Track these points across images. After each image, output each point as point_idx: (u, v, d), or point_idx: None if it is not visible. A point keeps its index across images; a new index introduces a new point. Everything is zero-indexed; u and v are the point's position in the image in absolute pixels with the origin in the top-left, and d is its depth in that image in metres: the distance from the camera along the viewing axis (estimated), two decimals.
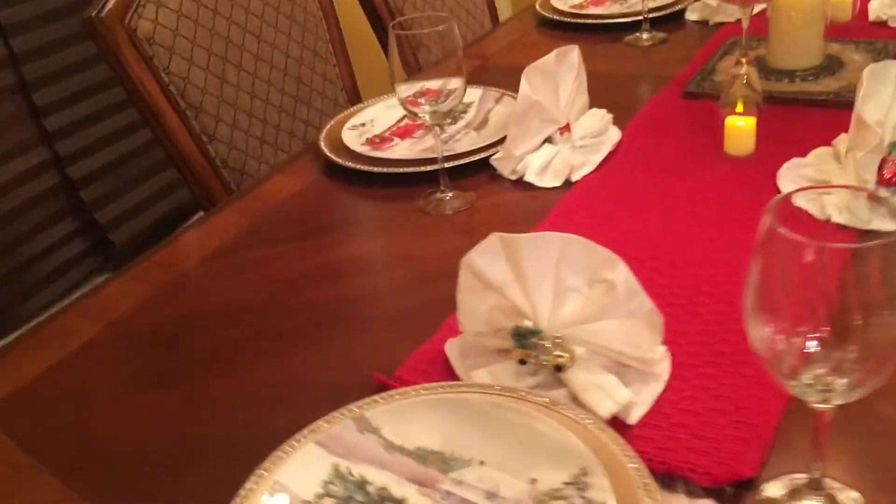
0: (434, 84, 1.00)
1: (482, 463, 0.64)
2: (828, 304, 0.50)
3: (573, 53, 1.09)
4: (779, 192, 0.95)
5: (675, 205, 0.96)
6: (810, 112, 1.12)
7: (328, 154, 1.15)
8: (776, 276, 0.51)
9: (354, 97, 1.61)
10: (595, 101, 1.16)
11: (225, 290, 0.94)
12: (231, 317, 0.89)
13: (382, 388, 0.74)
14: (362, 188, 1.11)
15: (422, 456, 0.66)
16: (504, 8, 3.06)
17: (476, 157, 1.09)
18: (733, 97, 1.02)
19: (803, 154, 0.99)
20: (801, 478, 0.59)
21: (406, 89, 0.99)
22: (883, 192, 0.88)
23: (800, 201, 0.92)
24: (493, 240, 0.72)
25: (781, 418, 0.65)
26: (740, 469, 0.61)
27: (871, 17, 1.38)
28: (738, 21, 1.46)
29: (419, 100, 0.99)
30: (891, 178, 0.88)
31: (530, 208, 1.01)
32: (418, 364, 0.77)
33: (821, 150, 0.98)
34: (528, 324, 0.72)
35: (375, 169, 1.10)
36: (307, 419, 0.67)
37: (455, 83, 0.98)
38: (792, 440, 0.63)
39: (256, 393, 0.77)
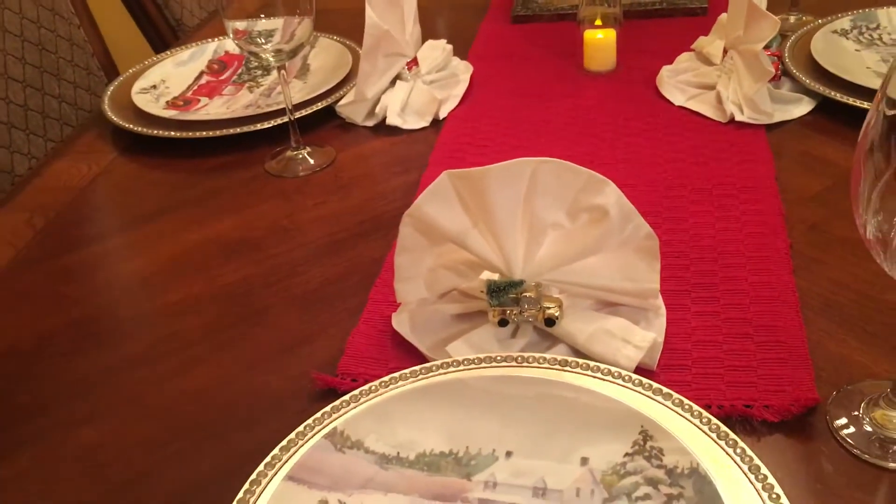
0: (252, 23, 0.82)
1: (509, 454, 0.51)
2: None
3: None
4: (664, 101, 0.90)
5: (564, 128, 0.87)
6: (650, 23, 1.08)
7: (129, 126, 0.92)
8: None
9: (109, 64, 1.34)
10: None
11: (46, 312, 0.70)
12: (75, 343, 0.66)
13: (331, 390, 0.57)
14: (180, 161, 0.89)
15: (430, 463, 0.51)
16: None
17: (321, 105, 0.92)
18: (592, 12, 0.94)
19: (660, 63, 0.94)
20: (869, 387, 0.52)
21: (241, 25, 0.80)
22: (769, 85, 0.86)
23: (692, 105, 0.87)
24: (445, 180, 0.57)
25: (803, 328, 0.58)
26: (802, 392, 0.53)
27: None
28: None
29: (258, 39, 0.80)
30: (775, 71, 0.86)
31: (402, 154, 0.87)
32: (362, 351, 0.60)
33: (685, 56, 0.94)
34: (495, 276, 0.58)
35: (204, 133, 0.89)
36: (245, 452, 0.50)
37: (293, 18, 0.80)
38: (826, 349, 0.57)
39: (159, 438, 0.57)
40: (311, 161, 0.86)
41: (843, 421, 0.51)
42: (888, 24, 0.94)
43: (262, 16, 0.82)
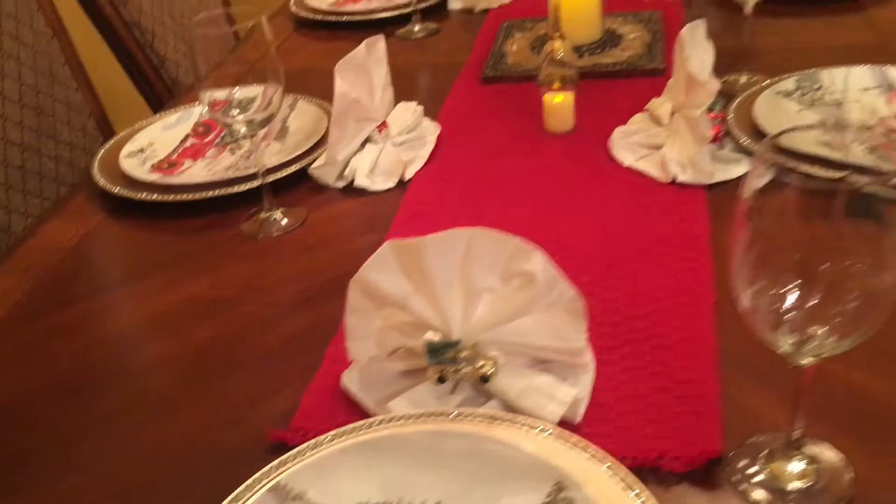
0: (236, 92, 0.88)
1: None
2: (811, 260, 0.47)
3: (380, 44, 1.02)
4: (615, 162, 0.95)
5: (521, 188, 0.93)
6: (609, 84, 1.14)
7: (111, 189, 0.98)
8: (762, 237, 0.47)
9: (105, 125, 1.41)
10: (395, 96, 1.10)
11: (32, 369, 0.75)
12: (58, 397, 0.71)
13: (282, 445, 0.62)
14: (162, 223, 0.95)
15: None
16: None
17: (294, 168, 0.98)
18: (549, 75, 1.00)
19: (618, 123, 1.00)
20: (770, 440, 0.57)
21: (213, 96, 0.86)
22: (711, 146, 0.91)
23: (639, 165, 0.93)
24: (387, 249, 0.63)
25: (718, 382, 0.63)
26: (708, 445, 0.57)
27: None
28: (501, 7, 1.49)
29: (231, 109, 0.87)
30: (717, 133, 0.91)
31: (368, 214, 0.93)
32: (315, 407, 0.66)
33: (639, 116, 1.00)
34: (437, 336, 0.64)
35: (182, 197, 0.95)
36: None
37: (268, 87, 0.86)
38: (738, 403, 0.61)
39: (122, 491, 0.62)
40: (283, 222, 0.92)
41: (743, 473, 0.56)
42: (830, 84, 1.00)
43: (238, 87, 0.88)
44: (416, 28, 1.43)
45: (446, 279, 0.62)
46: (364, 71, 0.98)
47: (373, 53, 1.00)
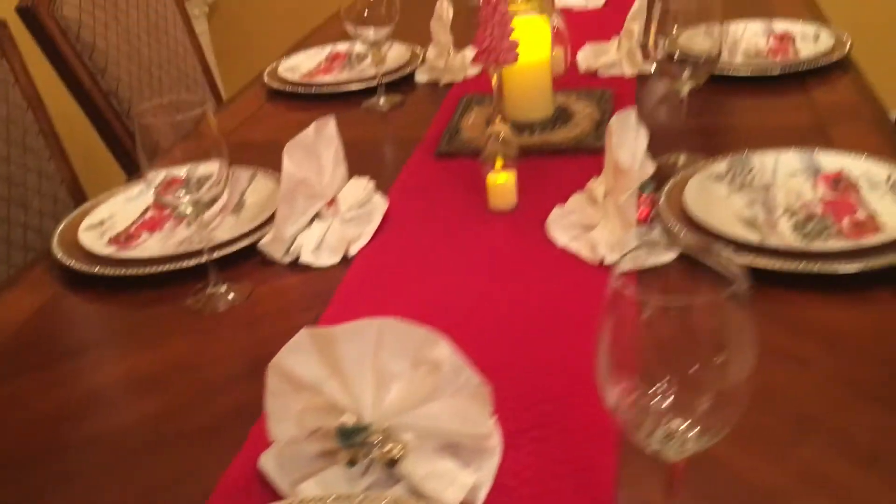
0: (192, 170, 0.92)
1: None
2: (671, 358, 0.50)
3: (331, 124, 1.06)
4: (550, 242, 0.99)
5: (458, 267, 0.96)
6: (557, 161, 1.18)
7: (66, 262, 1.02)
8: (622, 336, 0.51)
9: (77, 192, 1.45)
10: (351, 170, 1.14)
11: None
12: None
13: None
14: (115, 295, 0.99)
15: None
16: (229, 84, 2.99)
17: (243, 244, 1.01)
18: (492, 154, 1.05)
19: (560, 201, 1.04)
20: None
21: (158, 178, 0.90)
22: (641, 229, 0.95)
23: (572, 246, 0.96)
24: (304, 336, 0.66)
25: (617, 470, 0.66)
26: None
27: (581, 68, 1.50)
28: (465, 80, 1.54)
29: (178, 190, 0.90)
30: (646, 216, 0.95)
31: (311, 290, 0.96)
32: (233, 488, 0.68)
33: (578, 197, 1.04)
34: (350, 420, 0.66)
35: (128, 272, 0.99)
36: None
37: (214, 166, 0.91)
38: (635, 489, 0.64)
39: None
40: (229, 297, 0.95)
41: None
42: (761, 168, 1.04)
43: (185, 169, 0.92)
44: (381, 101, 1.48)
45: (359, 366, 0.65)
46: (313, 151, 1.02)
47: (322, 134, 1.04)
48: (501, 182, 1.06)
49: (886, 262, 0.83)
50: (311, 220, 1.03)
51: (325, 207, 1.04)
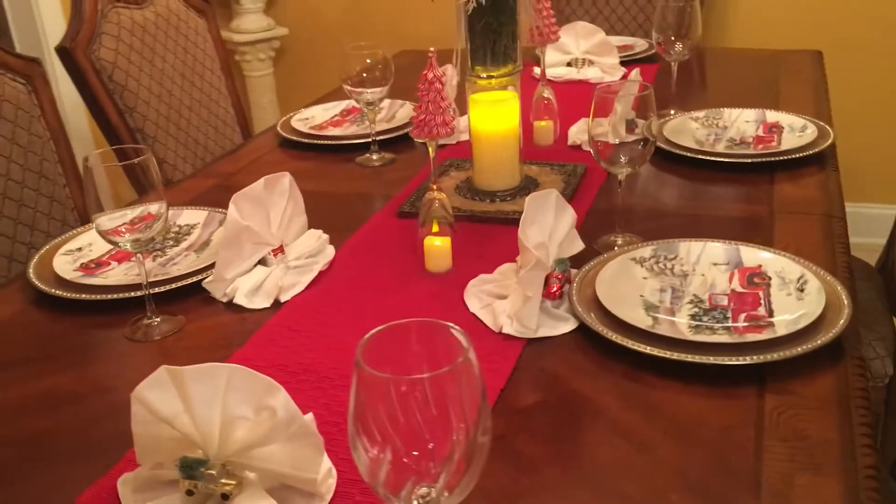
0: (138, 211, 1.01)
1: None
2: (414, 427, 0.55)
3: (284, 180, 1.15)
4: (465, 307, 1.04)
5: (373, 322, 1.01)
6: (505, 230, 1.23)
7: (34, 282, 1.12)
8: (369, 406, 0.55)
9: (88, 219, 1.57)
10: (321, 221, 1.22)
11: None
12: None
13: None
14: (70, 316, 1.08)
15: None
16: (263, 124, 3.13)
17: (187, 282, 1.10)
18: (428, 219, 1.11)
19: (494, 267, 1.09)
20: None
21: (107, 221, 0.99)
22: (549, 304, 0.99)
23: (480, 313, 1.01)
24: (162, 372, 0.73)
25: None
26: None
27: (570, 141, 1.55)
28: (459, 143, 1.61)
29: (120, 228, 1.00)
30: (555, 292, 0.99)
31: (238, 330, 1.03)
32: (92, 502, 0.75)
33: (506, 266, 1.08)
34: (195, 454, 0.73)
35: (82, 296, 1.08)
36: None
37: (155, 208, 0.99)
38: None
39: None
40: (162, 328, 1.03)
41: None
42: (685, 256, 1.06)
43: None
44: (374, 157, 1.56)
45: (208, 405, 0.72)
46: (260, 202, 1.10)
47: (273, 188, 1.12)
48: (437, 246, 1.12)
49: (749, 360, 0.85)
50: (257, 264, 1.11)
51: (270, 254, 1.12)
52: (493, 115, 1.30)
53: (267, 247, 1.12)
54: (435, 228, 1.12)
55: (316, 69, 3.28)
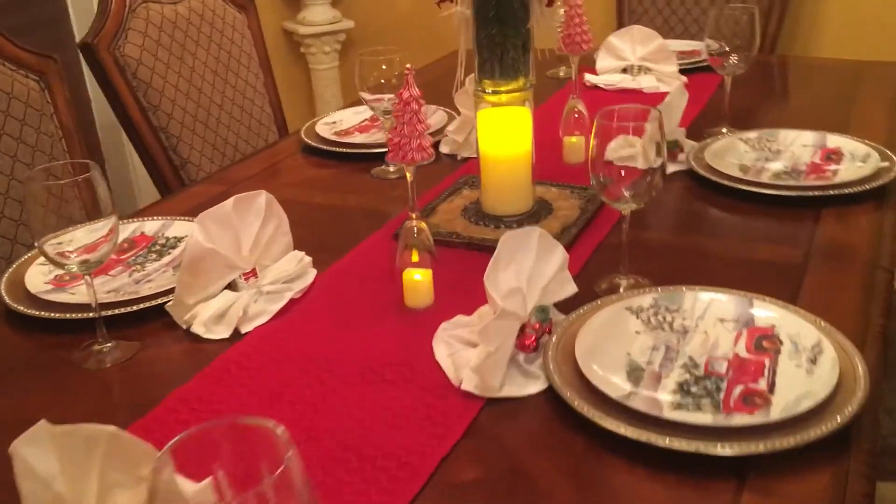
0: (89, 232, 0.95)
1: None
2: None
3: (260, 199, 1.07)
4: (431, 352, 0.93)
5: (337, 366, 0.93)
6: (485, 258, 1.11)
7: (1, 293, 1.08)
8: None
9: None
10: (316, 240, 1.15)
11: None
12: None
13: None
14: (39, 334, 1.03)
15: None
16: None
17: (142, 306, 1.03)
18: (408, 248, 1.01)
19: (478, 303, 0.98)
20: None
21: (57, 245, 0.93)
22: (521, 358, 0.88)
23: (444, 362, 0.91)
24: (42, 428, 0.66)
25: None
26: None
27: (605, 158, 1.42)
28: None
29: (67, 252, 0.94)
30: (529, 344, 0.88)
31: (192, 360, 0.96)
32: None
33: (485, 309, 0.97)
34: None
35: (40, 314, 1.03)
36: None
37: (104, 227, 0.93)
38: None
39: None
40: (114, 354, 0.97)
41: None
42: (689, 310, 0.93)
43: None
44: (391, 168, 1.47)
45: (86, 469, 0.65)
46: (228, 223, 1.03)
47: (246, 208, 1.04)
48: (416, 280, 1.02)
49: (728, 452, 0.72)
50: (225, 289, 1.04)
51: (241, 278, 1.04)
52: (503, 135, 1.18)
53: (236, 270, 1.04)
54: (415, 258, 1.02)
55: None
